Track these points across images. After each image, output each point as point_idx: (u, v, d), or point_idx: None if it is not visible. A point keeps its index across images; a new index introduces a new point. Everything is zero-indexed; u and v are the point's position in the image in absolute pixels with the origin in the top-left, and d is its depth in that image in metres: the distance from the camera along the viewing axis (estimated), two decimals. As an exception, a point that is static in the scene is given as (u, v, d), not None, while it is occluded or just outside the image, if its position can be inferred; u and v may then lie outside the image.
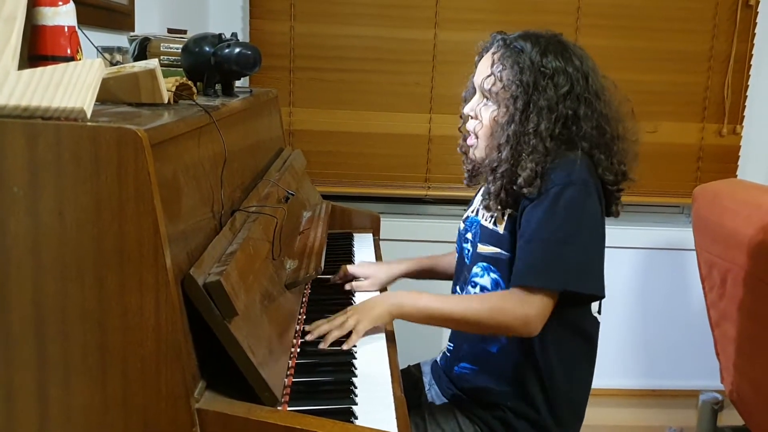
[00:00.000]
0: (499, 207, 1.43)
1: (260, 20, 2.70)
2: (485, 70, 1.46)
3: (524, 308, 1.33)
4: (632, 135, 1.48)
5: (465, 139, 1.55)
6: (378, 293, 1.70)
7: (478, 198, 1.59)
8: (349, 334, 1.35)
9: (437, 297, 1.42)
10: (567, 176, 1.35)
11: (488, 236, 1.48)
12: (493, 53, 1.46)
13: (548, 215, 1.34)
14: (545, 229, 1.34)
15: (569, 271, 1.34)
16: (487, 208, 1.46)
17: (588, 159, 1.41)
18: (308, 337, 1.34)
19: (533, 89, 1.39)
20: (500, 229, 1.45)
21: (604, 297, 1.41)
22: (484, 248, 1.49)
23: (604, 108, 1.44)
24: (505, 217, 1.44)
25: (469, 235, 1.55)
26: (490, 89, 1.44)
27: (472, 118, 1.51)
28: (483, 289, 1.49)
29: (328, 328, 1.35)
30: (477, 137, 1.49)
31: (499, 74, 1.43)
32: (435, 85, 2.77)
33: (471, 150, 1.53)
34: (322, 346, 1.32)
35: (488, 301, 1.37)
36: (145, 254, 0.86)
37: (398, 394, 1.18)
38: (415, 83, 2.77)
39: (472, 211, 1.58)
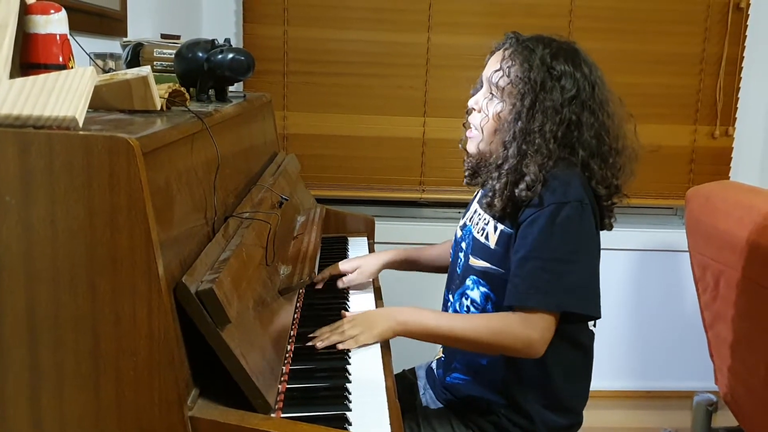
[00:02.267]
0: (502, 206, 1.41)
1: (254, 25, 2.70)
2: (495, 65, 1.46)
3: (527, 331, 1.32)
4: (631, 152, 1.48)
5: (466, 135, 1.55)
6: (378, 302, 1.70)
7: (474, 205, 1.59)
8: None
9: (441, 315, 1.42)
10: (563, 195, 1.35)
11: (479, 250, 1.48)
12: (505, 50, 1.46)
13: (545, 234, 1.34)
14: (543, 248, 1.34)
15: (569, 292, 1.34)
16: (489, 205, 1.45)
17: (583, 173, 1.41)
18: (310, 342, 1.35)
19: (540, 88, 1.39)
20: (491, 244, 1.45)
21: (600, 317, 1.40)
22: (475, 261, 1.49)
23: (607, 120, 1.44)
24: (497, 232, 1.44)
25: (463, 245, 1.55)
26: (497, 83, 1.44)
27: (475, 111, 1.51)
28: (473, 301, 1.49)
29: (329, 335, 1.36)
30: (482, 131, 1.48)
31: (507, 69, 1.43)
32: (429, 89, 2.78)
33: (469, 142, 1.52)
34: (320, 345, 1.33)
35: (491, 323, 1.36)
36: (138, 262, 0.86)
37: (392, 399, 1.18)
38: (409, 87, 2.77)
39: (469, 219, 1.57)
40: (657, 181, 2.88)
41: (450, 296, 1.59)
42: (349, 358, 1.32)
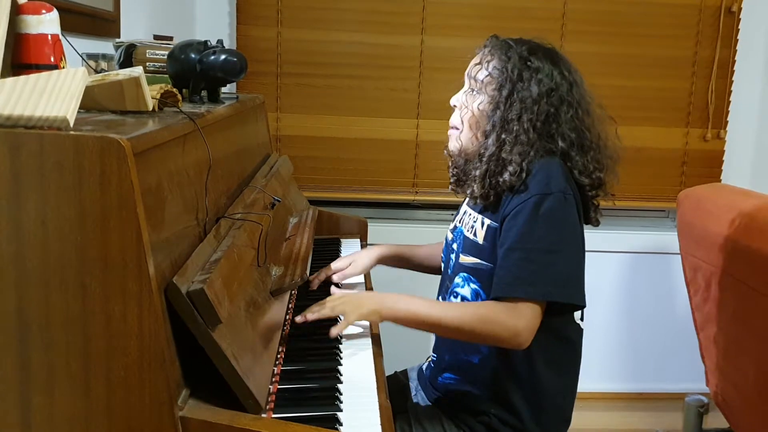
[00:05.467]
0: (481, 193, 1.44)
1: (247, 26, 2.70)
2: (475, 61, 1.51)
3: (514, 320, 1.33)
4: (612, 152, 1.50)
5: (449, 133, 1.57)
6: (365, 288, 1.71)
7: (464, 206, 1.60)
8: (336, 323, 1.37)
9: (428, 302, 1.42)
10: (546, 186, 1.37)
11: (469, 247, 1.49)
12: (485, 47, 1.51)
13: (529, 225, 1.35)
14: (527, 239, 1.35)
15: (554, 282, 1.35)
16: (471, 194, 1.49)
17: (564, 165, 1.43)
18: (298, 319, 1.37)
19: (518, 79, 1.43)
20: (479, 239, 1.46)
21: (585, 307, 1.42)
22: (465, 258, 1.50)
23: (586, 117, 1.47)
24: (484, 228, 1.45)
25: (455, 246, 1.56)
26: (476, 77, 1.49)
27: (457, 108, 1.53)
28: (464, 299, 1.49)
29: (318, 308, 1.38)
30: (463, 123, 1.51)
31: (486, 64, 1.48)
32: (422, 91, 2.78)
33: (454, 139, 1.53)
34: (309, 317, 1.36)
35: (479, 311, 1.37)
36: (129, 263, 0.86)
37: (383, 400, 1.18)
38: (403, 89, 2.78)
39: (459, 221, 1.58)
40: (649, 184, 2.90)
41: (440, 298, 1.60)
42: (341, 359, 1.32)
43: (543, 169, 1.39)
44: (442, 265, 1.64)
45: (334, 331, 1.34)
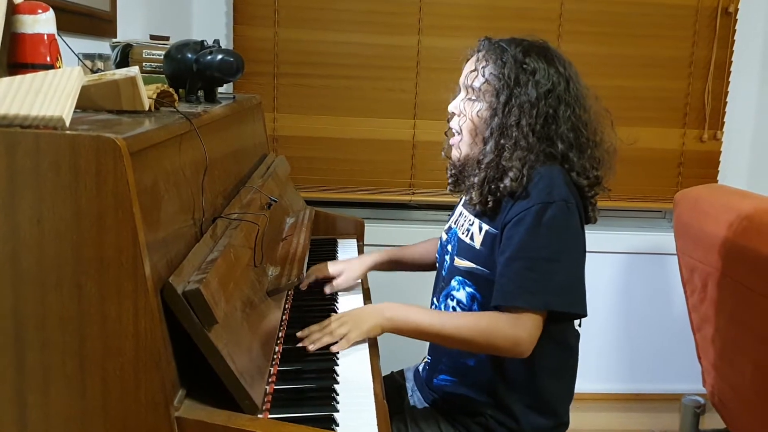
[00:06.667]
0: (480, 200, 1.44)
1: (244, 26, 2.70)
2: (470, 67, 1.50)
3: (515, 330, 1.33)
4: (609, 146, 1.50)
5: (449, 142, 1.57)
6: (367, 303, 1.70)
7: (460, 208, 1.60)
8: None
9: (428, 312, 1.42)
10: (548, 194, 1.36)
11: (465, 250, 1.49)
12: (478, 51, 1.50)
13: (531, 234, 1.35)
14: (529, 248, 1.35)
15: (556, 292, 1.35)
16: (469, 200, 1.48)
17: (562, 166, 1.43)
18: (298, 336, 1.35)
19: (515, 84, 1.42)
20: (476, 244, 1.46)
21: (586, 316, 1.41)
22: (460, 262, 1.49)
23: (583, 113, 1.47)
24: (482, 233, 1.45)
25: (449, 247, 1.56)
26: (472, 84, 1.47)
27: (456, 115, 1.52)
28: (459, 302, 1.49)
29: (319, 335, 1.36)
30: (463, 132, 1.50)
31: (482, 70, 1.46)
32: (419, 91, 2.78)
33: (454, 147, 1.53)
34: (311, 348, 1.32)
35: (480, 321, 1.37)
36: (124, 262, 0.86)
37: (380, 400, 1.18)
38: (400, 89, 2.78)
39: (454, 222, 1.58)
40: (646, 185, 2.90)
41: (435, 299, 1.60)
42: (338, 359, 1.32)
43: (545, 176, 1.38)
44: (437, 265, 1.64)
45: (335, 349, 1.34)
